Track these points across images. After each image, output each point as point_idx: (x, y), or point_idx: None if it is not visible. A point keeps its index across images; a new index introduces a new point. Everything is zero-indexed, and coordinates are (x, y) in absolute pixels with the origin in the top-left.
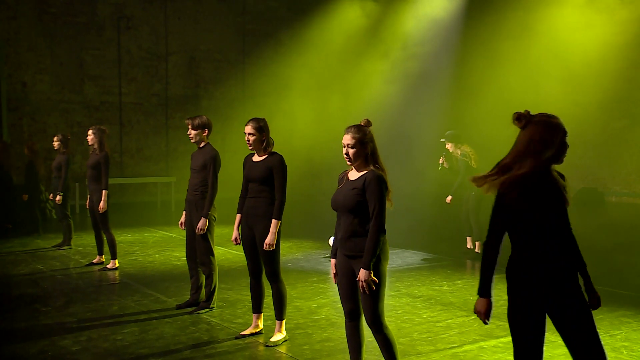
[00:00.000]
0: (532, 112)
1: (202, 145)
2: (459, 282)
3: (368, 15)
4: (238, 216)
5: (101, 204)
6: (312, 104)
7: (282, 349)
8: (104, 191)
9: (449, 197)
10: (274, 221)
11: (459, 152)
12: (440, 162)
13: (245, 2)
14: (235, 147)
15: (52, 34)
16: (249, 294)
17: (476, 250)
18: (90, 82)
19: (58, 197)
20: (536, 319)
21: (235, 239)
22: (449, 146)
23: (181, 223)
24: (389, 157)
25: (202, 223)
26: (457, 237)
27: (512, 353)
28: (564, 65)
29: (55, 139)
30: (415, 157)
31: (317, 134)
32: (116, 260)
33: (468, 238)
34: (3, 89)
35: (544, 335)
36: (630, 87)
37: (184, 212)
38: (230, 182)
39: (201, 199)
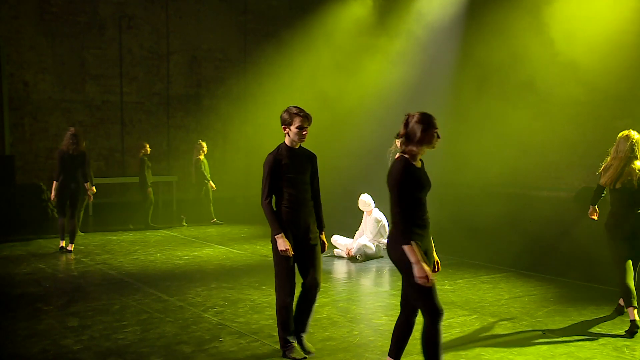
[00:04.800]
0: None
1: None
2: (460, 281)
3: (369, 14)
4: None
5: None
6: (313, 103)
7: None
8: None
9: None
10: None
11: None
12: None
13: (247, 1)
14: (237, 146)
15: (54, 33)
16: (251, 292)
17: None
18: (92, 81)
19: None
20: None
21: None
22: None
23: (289, 249)
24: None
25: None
26: (458, 236)
27: (513, 352)
28: (565, 64)
29: None
30: None
31: (318, 132)
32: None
33: None
34: (5, 88)
35: None
36: (633, 86)
37: (283, 235)
38: (231, 181)
39: (313, 210)
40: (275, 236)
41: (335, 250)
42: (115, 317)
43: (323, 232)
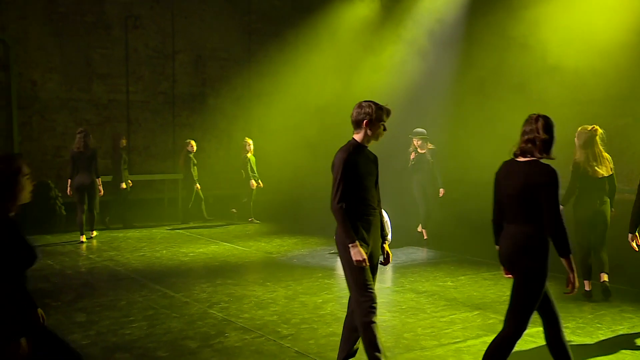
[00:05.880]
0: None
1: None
2: (462, 277)
3: (374, 15)
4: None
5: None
6: (316, 103)
7: (288, 344)
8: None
9: (442, 190)
10: None
11: (425, 149)
12: (412, 158)
13: (251, 1)
14: (241, 144)
15: (61, 33)
16: (255, 289)
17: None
18: (99, 80)
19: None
20: None
21: None
22: (419, 143)
23: (365, 259)
24: (393, 155)
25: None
26: (460, 233)
27: (514, 348)
28: (565, 63)
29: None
30: None
31: (323, 131)
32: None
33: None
34: (13, 88)
35: None
36: (633, 85)
37: (358, 244)
38: (236, 179)
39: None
40: (350, 245)
41: None
42: (122, 312)
43: (387, 243)
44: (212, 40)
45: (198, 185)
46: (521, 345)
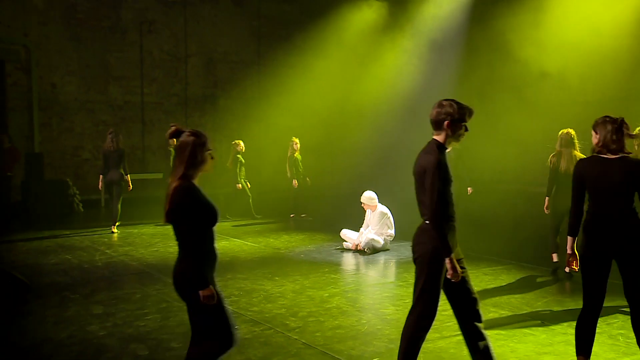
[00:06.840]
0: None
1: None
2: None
3: (380, 20)
4: None
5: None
6: (324, 104)
7: (296, 336)
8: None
9: (470, 189)
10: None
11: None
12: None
13: (260, 6)
14: (250, 144)
15: (79, 38)
16: (264, 283)
17: None
18: (115, 82)
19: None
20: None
21: None
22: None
23: (460, 274)
24: (400, 156)
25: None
26: (461, 229)
27: (513, 341)
28: (563, 63)
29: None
30: None
31: (328, 132)
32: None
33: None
34: (35, 90)
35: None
36: (630, 86)
37: (453, 257)
38: (244, 178)
39: None
40: (447, 259)
41: (344, 243)
42: (137, 305)
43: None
44: (223, 44)
45: (239, 185)
46: (521, 338)
